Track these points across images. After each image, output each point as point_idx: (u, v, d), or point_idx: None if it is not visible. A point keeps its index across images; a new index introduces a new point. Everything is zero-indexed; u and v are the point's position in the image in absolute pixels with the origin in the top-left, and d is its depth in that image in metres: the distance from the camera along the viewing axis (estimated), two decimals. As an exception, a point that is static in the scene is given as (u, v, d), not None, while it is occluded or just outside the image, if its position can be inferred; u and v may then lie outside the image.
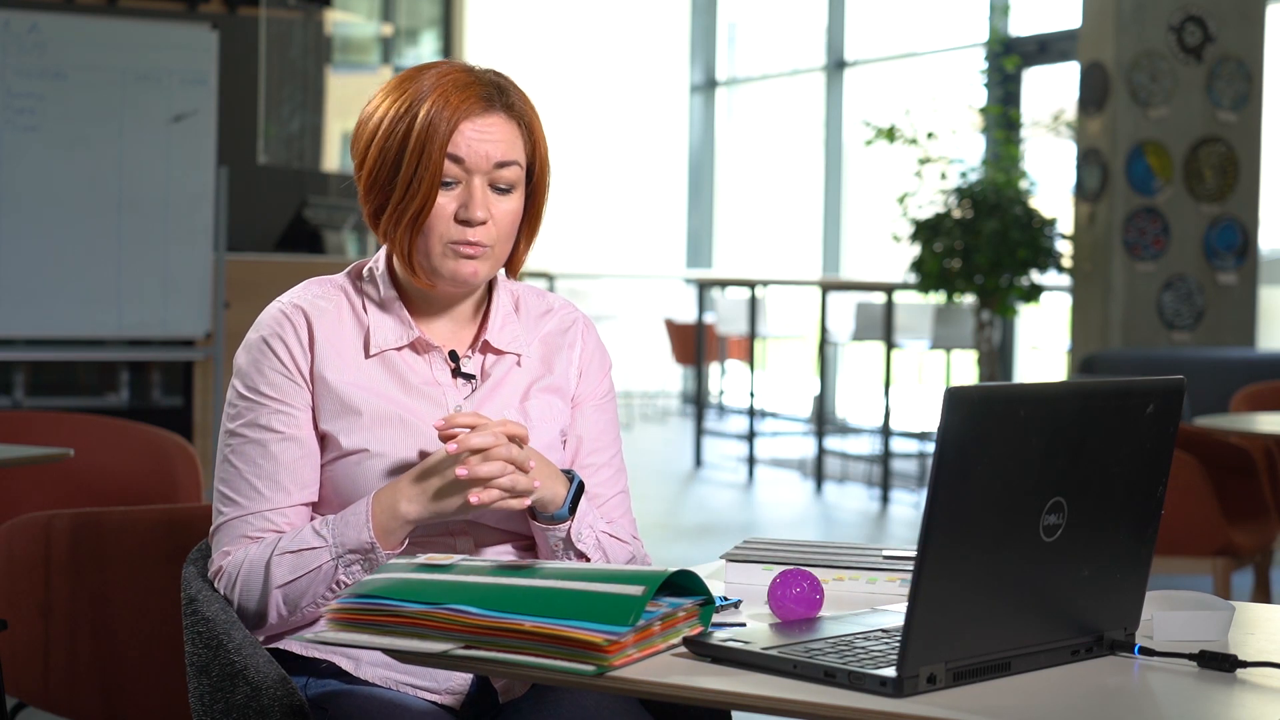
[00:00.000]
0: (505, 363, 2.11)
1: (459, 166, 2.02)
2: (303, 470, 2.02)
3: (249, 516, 2.00)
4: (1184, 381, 1.68)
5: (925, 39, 11.42)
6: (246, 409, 2.03)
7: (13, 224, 6.52)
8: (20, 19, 6.51)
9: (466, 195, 2.02)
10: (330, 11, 8.19)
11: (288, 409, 2.02)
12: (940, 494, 1.49)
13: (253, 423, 2.02)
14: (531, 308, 2.18)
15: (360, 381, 2.04)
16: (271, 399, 2.02)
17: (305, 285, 2.11)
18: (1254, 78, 7.66)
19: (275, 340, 2.04)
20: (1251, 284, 7.73)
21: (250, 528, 2.00)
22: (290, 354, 2.04)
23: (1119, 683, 1.59)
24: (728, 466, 9.41)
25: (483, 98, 2.03)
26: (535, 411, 2.10)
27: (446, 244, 2.02)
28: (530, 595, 1.64)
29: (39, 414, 3.96)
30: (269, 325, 2.06)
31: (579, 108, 13.47)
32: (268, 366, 2.03)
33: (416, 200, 2.01)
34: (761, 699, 1.51)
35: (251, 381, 2.04)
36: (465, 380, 2.08)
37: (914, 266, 7.79)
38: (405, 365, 2.07)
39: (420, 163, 2.00)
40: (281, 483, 2.01)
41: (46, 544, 2.77)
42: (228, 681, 1.91)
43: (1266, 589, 4.89)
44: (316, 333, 2.05)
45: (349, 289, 2.11)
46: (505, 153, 2.03)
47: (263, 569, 1.97)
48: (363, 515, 1.94)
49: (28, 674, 2.82)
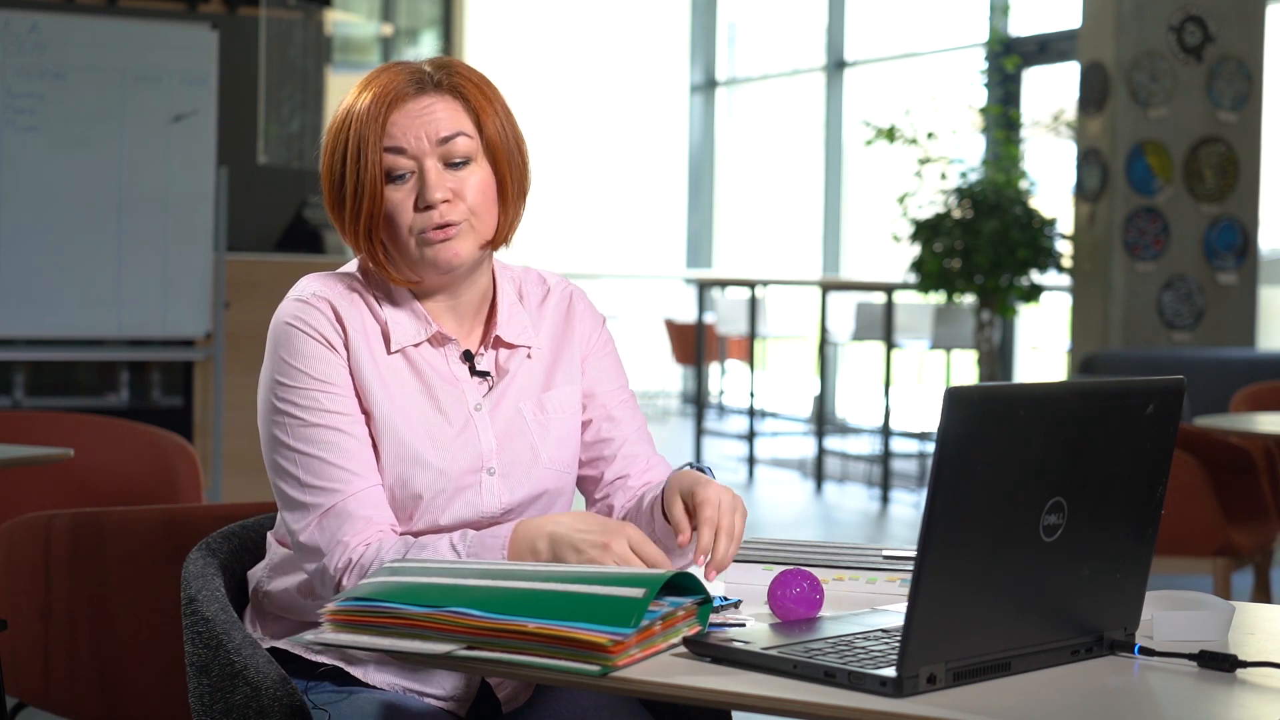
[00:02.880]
0: (518, 356, 2.08)
1: (404, 156, 1.96)
2: (368, 451, 1.96)
3: (353, 498, 1.92)
4: (1184, 381, 1.68)
5: (925, 39, 11.42)
6: (301, 395, 1.95)
7: (13, 224, 6.52)
8: (20, 19, 6.51)
9: (420, 182, 1.96)
10: (330, 11, 8.18)
11: (344, 394, 1.96)
12: (940, 494, 1.49)
13: (315, 408, 1.94)
14: (533, 293, 2.13)
15: (387, 380, 1.99)
16: (327, 383, 1.95)
17: (317, 280, 2.03)
18: (1254, 78, 7.66)
19: (314, 328, 1.97)
20: (1251, 284, 7.73)
21: (361, 508, 1.92)
22: (329, 341, 1.97)
23: (1119, 683, 1.59)
24: (728, 466, 9.41)
25: (411, 83, 1.97)
26: (552, 404, 2.08)
27: (416, 236, 1.96)
28: (531, 598, 1.64)
29: (39, 414, 3.96)
30: (300, 315, 1.98)
31: (579, 108, 13.47)
32: (310, 352, 1.96)
33: (365, 203, 1.95)
34: (761, 699, 1.51)
35: (302, 365, 1.96)
36: (481, 379, 2.05)
37: (914, 266, 7.79)
38: (424, 361, 2.02)
39: (360, 165, 1.95)
40: (369, 463, 1.95)
41: (46, 544, 2.77)
42: (228, 681, 1.91)
43: (1266, 589, 4.89)
44: (346, 324, 1.99)
45: (360, 284, 2.04)
46: (446, 126, 1.96)
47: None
48: (501, 539, 1.87)
49: (28, 674, 2.82)
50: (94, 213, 6.61)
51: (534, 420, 2.06)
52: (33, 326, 6.63)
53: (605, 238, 13.49)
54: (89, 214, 6.60)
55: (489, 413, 2.04)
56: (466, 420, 2.02)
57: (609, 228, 13.58)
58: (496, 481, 2.02)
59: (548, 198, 12.80)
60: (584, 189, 13.44)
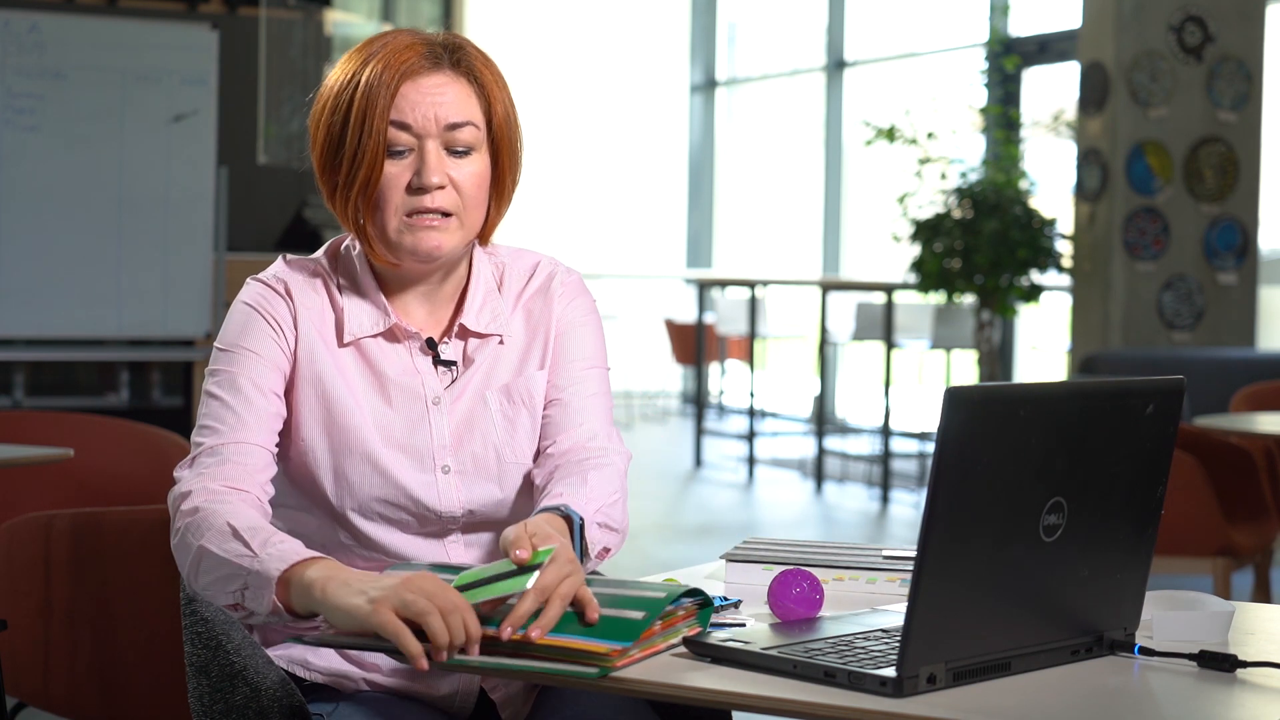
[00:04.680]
0: (488, 345, 2.00)
1: (407, 133, 1.90)
2: (276, 424, 1.92)
3: (233, 445, 1.88)
4: (1184, 381, 1.68)
5: (925, 39, 11.42)
6: (230, 361, 1.93)
7: (13, 224, 6.52)
8: (20, 19, 6.51)
9: (419, 162, 1.90)
10: (330, 11, 8.18)
11: (272, 367, 1.92)
12: (940, 494, 1.49)
13: (240, 372, 1.92)
14: (515, 280, 2.05)
15: (336, 372, 1.94)
16: (257, 355, 1.92)
17: (285, 265, 2.00)
18: (1254, 78, 7.65)
19: (265, 308, 1.95)
20: (1251, 284, 7.73)
21: (237, 455, 1.88)
22: (279, 325, 1.94)
23: (1119, 683, 1.59)
24: (728, 466, 9.40)
25: (427, 56, 1.91)
26: (521, 392, 1.99)
27: (403, 216, 1.91)
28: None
29: (39, 414, 3.95)
30: (256, 297, 1.96)
31: (579, 108, 13.46)
32: (256, 327, 1.94)
33: (362, 171, 1.89)
34: (761, 699, 1.51)
35: (237, 338, 1.94)
36: (446, 368, 1.98)
37: (914, 266, 7.79)
38: (380, 354, 1.96)
39: (363, 132, 1.89)
40: (266, 422, 1.90)
41: (46, 544, 2.77)
42: (227, 682, 1.91)
43: (1266, 589, 4.89)
44: (299, 312, 1.95)
45: (325, 270, 1.99)
46: (456, 112, 1.91)
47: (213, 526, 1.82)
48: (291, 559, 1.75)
49: (28, 674, 2.82)
50: (94, 213, 6.61)
51: (499, 412, 1.98)
52: (33, 326, 6.63)
53: (605, 238, 13.48)
54: (89, 214, 6.60)
55: (449, 406, 1.97)
56: (420, 415, 1.96)
57: (609, 228, 13.58)
58: (453, 480, 1.96)
59: (548, 198, 12.81)
60: (584, 189, 13.43)
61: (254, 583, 1.77)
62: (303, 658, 1.96)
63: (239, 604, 1.80)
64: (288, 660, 1.97)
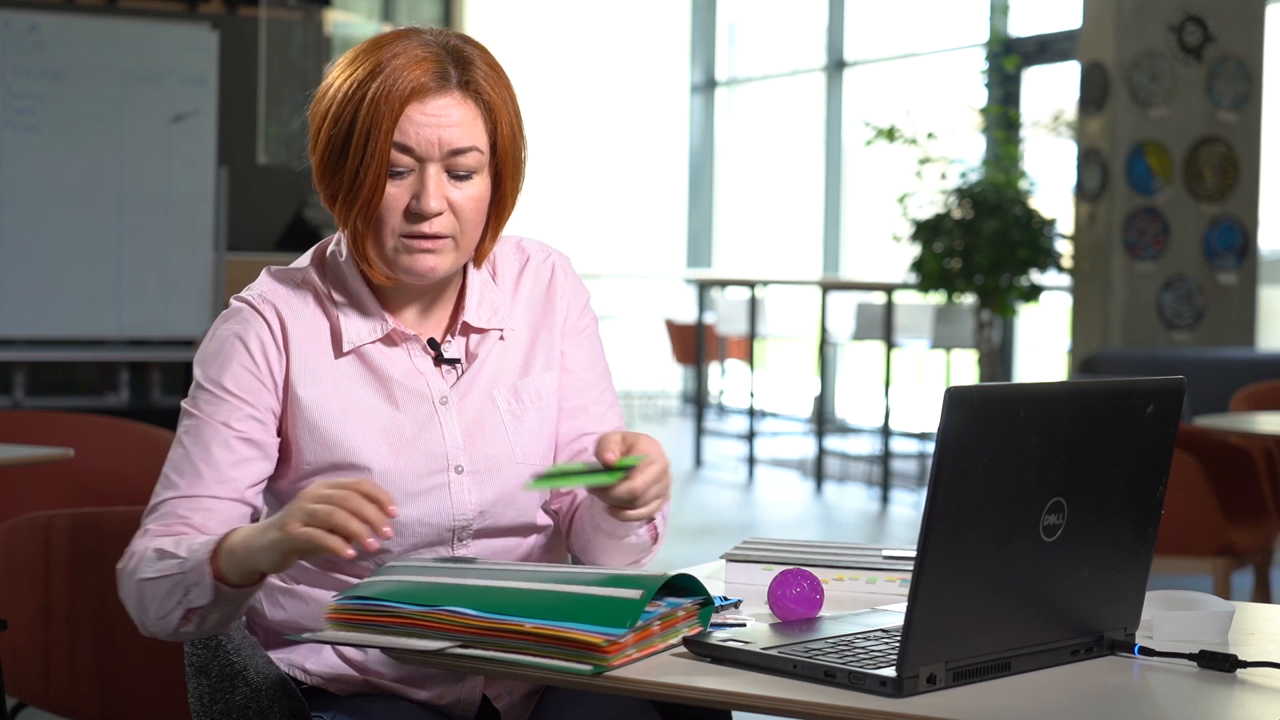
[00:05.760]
0: (489, 340, 1.98)
1: (409, 155, 1.86)
2: (252, 469, 1.88)
3: (187, 499, 1.85)
4: (1184, 382, 1.68)
5: (925, 39, 11.42)
6: (207, 401, 1.88)
7: (13, 224, 6.52)
8: (20, 19, 6.51)
9: (419, 185, 1.87)
10: (330, 11, 8.18)
11: (252, 410, 1.88)
12: (940, 494, 1.49)
13: (213, 417, 1.88)
14: (508, 269, 2.03)
15: (336, 386, 1.91)
16: (236, 397, 1.88)
17: (270, 277, 1.96)
18: (1254, 78, 7.66)
19: (249, 336, 1.90)
20: (1251, 284, 7.73)
21: (185, 508, 1.85)
22: (264, 353, 1.90)
23: (1119, 683, 1.59)
24: (728, 466, 9.41)
25: (435, 75, 1.86)
26: (529, 393, 1.98)
27: (399, 237, 1.88)
28: (527, 598, 1.63)
29: (39, 414, 3.95)
30: (240, 320, 1.91)
31: (579, 108, 13.46)
32: (237, 362, 1.89)
33: (364, 191, 1.86)
34: (761, 699, 1.51)
35: (217, 375, 1.89)
36: (450, 366, 1.96)
37: (914, 266, 7.79)
38: (382, 358, 1.93)
39: (366, 152, 1.85)
40: (225, 474, 1.86)
41: (46, 544, 2.77)
42: (227, 682, 1.91)
43: (1266, 589, 4.88)
44: (290, 331, 1.91)
45: (314, 279, 1.95)
46: (460, 138, 1.87)
47: (143, 559, 1.82)
48: (214, 541, 1.79)
49: (28, 674, 2.82)
50: (94, 213, 6.61)
51: (508, 410, 1.97)
52: (33, 326, 6.63)
53: (605, 238, 13.48)
54: (89, 214, 6.61)
55: (457, 404, 1.95)
56: (429, 416, 1.93)
57: (609, 228, 13.58)
58: (466, 480, 1.93)
59: (548, 198, 12.80)
60: (584, 189, 13.43)
61: (191, 578, 1.79)
62: (301, 662, 1.95)
63: (189, 612, 1.81)
64: (287, 664, 1.96)
